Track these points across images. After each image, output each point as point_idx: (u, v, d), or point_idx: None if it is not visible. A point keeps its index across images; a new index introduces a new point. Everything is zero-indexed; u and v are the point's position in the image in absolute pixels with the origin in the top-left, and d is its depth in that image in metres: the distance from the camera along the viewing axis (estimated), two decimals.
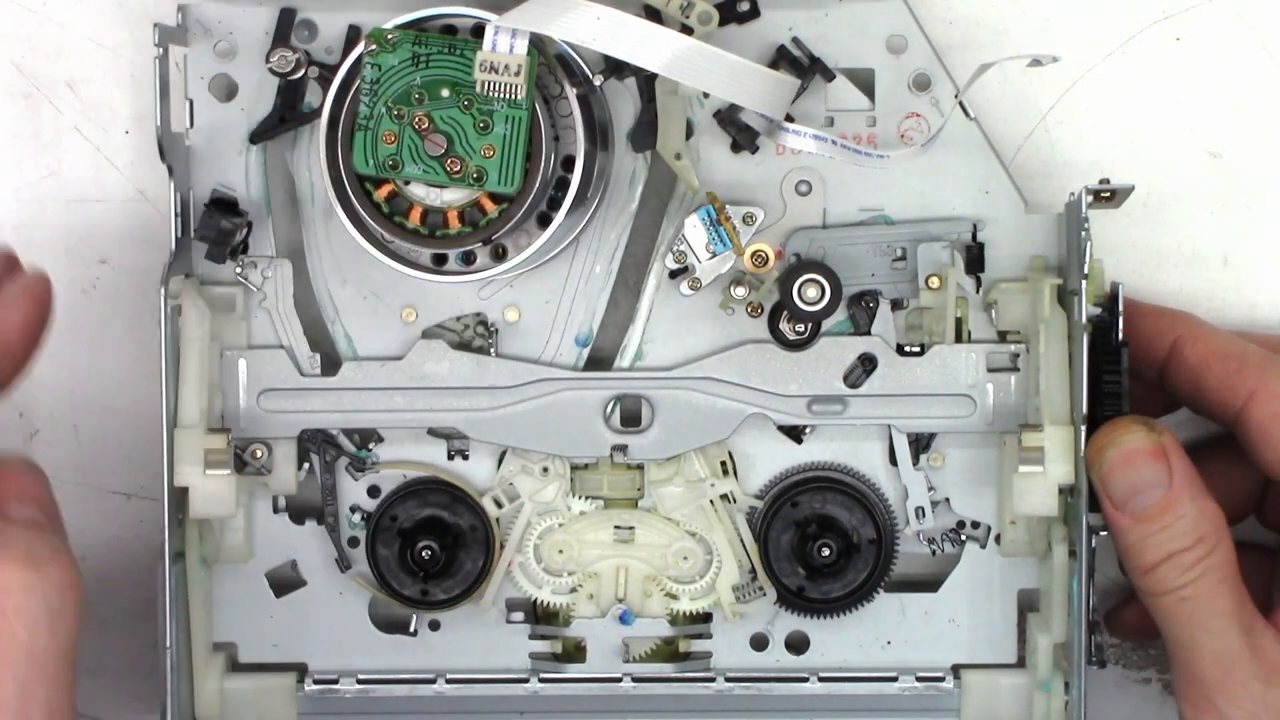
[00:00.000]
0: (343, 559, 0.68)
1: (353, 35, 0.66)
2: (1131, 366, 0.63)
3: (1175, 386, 0.65)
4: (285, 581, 0.69)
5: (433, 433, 0.68)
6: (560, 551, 0.68)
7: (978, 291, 0.67)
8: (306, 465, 0.68)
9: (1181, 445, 0.62)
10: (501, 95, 0.62)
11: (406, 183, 0.63)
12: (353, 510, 0.68)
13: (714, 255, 0.66)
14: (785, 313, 0.66)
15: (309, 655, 0.69)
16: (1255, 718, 0.60)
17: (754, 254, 0.66)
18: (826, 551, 0.67)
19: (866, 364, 0.67)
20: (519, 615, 0.69)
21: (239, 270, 0.66)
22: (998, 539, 0.68)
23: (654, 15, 0.64)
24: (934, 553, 0.69)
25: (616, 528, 0.68)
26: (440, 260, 0.65)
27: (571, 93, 0.64)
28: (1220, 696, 0.60)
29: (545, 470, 0.68)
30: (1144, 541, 0.61)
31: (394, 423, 0.67)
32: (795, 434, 0.68)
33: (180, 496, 0.64)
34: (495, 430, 0.67)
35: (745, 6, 0.66)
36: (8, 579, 0.54)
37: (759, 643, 0.69)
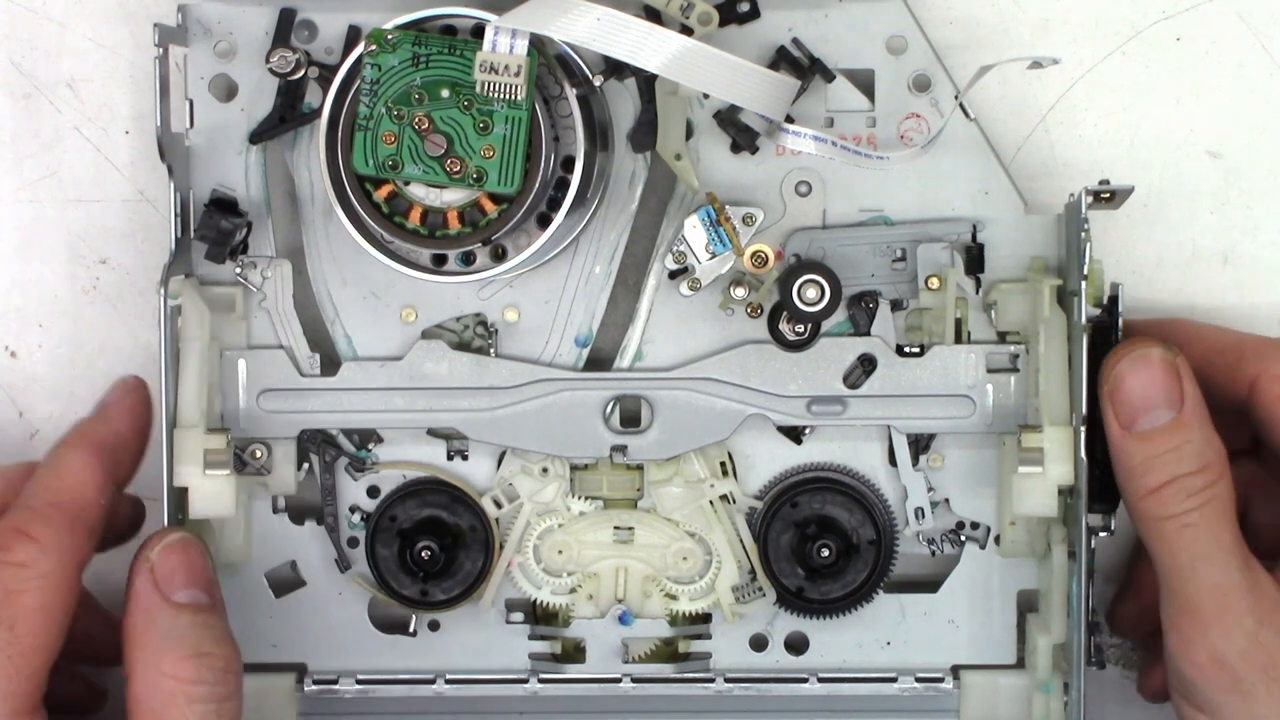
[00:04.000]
0: (342, 559, 0.68)
1: (353, 35, 0.66)
2: (1212, 406, 0.62)
3: (1260, 429, 0.64)
4: (285, 582, 0.69)
5: (432, 433, 0.68)
6: (560, 552, 0.68)
7: (977, 292, 0.67)
8: (306, 465, 0.68)
9: (1193, 374, 0.61)
10: (501, 96, 0.62)
11: (406, 183, 0.63)
12: (352, 510, 0.68)
13: (714, 256, 0.66)
14: (785, 313, 0.66)
15: (308, 655, 0.69)
16: (1245, 655, 0.59)
17: (754, 254, 0.66)
18: (826, 552, 0.67)
19: (866, 364, 0.67)
20: (518, 615, 0.69)
21: (239, 270, 0.66)
22: (997, 540, 0.68)
23: (654, 16, 0.64)
24: (934, 553, 0.69)
25: (616, 528, 0.68)
26: (440, 260, 0.65)
27: (571, 93, 0.64)
28: (1214, 629, 0.59)
29: (545, 470, 0.68)
30: (1150, 462, 0.60)
31: (394, 423, 0.67)
32: (795, 434, 0.68)
33: (180, 496, 0.64)
34: (495, 431, 0.67)
35: (745, 7, 0.66)
36: (181, 671, 0.59)
37: (758, 643, 0.69)
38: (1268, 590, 0.60)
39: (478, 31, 0.62)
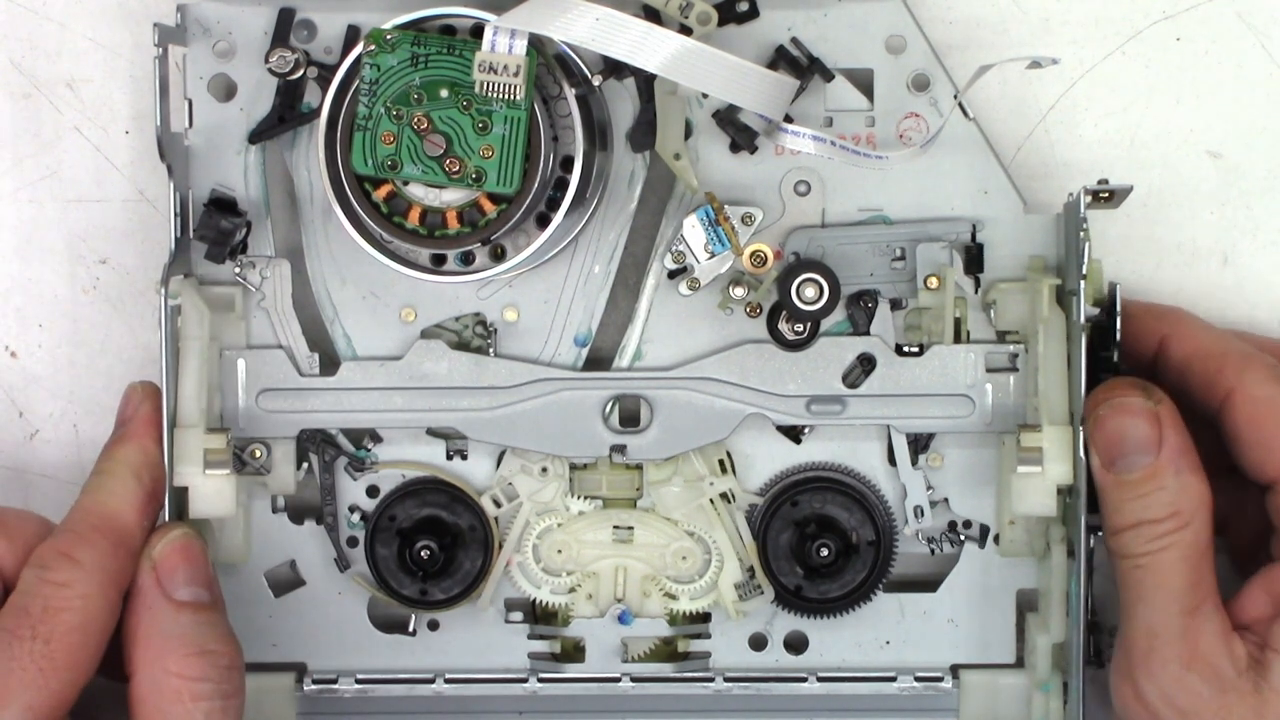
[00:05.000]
0: (341, 559, 0.68)
1: (352, 35, 0.66)
2: (1125, 363, 0.63)
3: (1164, 384, 0.65)
4: (284, 581, 0.69)
5: (432, 432, 0.68)
6: (559, 551, 0.68)
7: (976, 291, 0.67)
8: (305, 465, 0.68)
9: (1178, 418, 0.62)
10: (500, 95, 0.62)
11: (405, 183, 0.63)
12: (351, 510, 0.68)
13: (713, 255, 0.66)
14: (784, 313, 0.66)
15: (308, 655, 0.69)
16: (1168, 699, 0.60)
17: (753, 254, 0.66)
18: (825, 551, 0.67)
19: (865, 364, 0.67)
20: (518, 615, 0.69)
21: (238, 270, 0.67)
22: (996, 539, 0.68)
23: (653, 15, 0.64)
24: (933, 553, 0.69)
25: (615, 527, 0.68)
26: (439, 260, 0.65)
27: (570, 93, 0.64)
28: (1140, 670, 0.61)
29: (544, 470, 0.68)
30: (1120, 504, 0.61)
31: (393, 423, 0.67)
32: (794, 434, 0.68)
33: (180, 496, 0.64)
34: (494, 430, 0.67)
35: (744, 7, 0.66)
36: (186, 669, 0.59)
37: (758, 643, 0.69)
38: (1202, 640, 0.60)
39: (477, 31, 0.62)
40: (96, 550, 0.60)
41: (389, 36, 0.62)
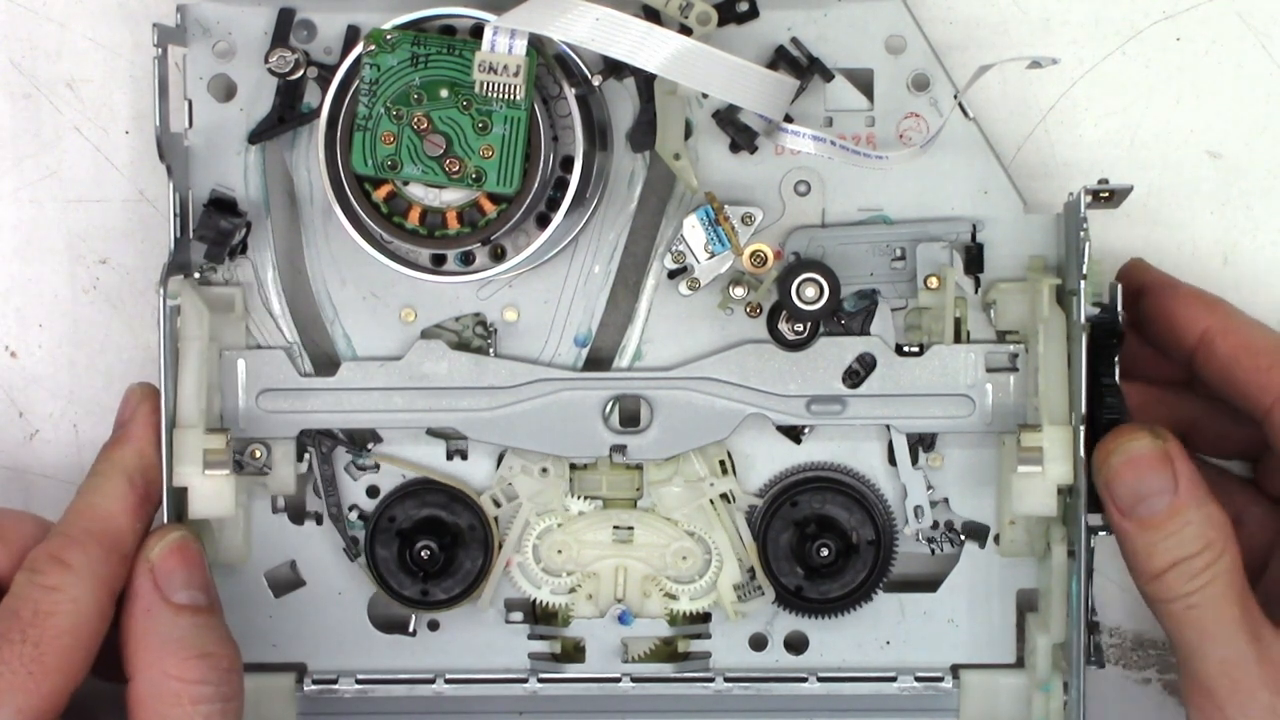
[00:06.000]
0: (350, 547, 0.68)
1: (351, 35, 0.66)
2: (1158, 348, 0.62)
3: (1204, 377, 0.64)
4: (284, 581, 0.69)
5: (432, 433, 0.68)
6: (559, 551, 0.68)
7: (976, 291, 0.67)
8: (307, 456, 0.68)
9: (1185, 451, 0.62)
10: (500, 95, 0.62)
11: (405, 183, 0.63)
12: (350, 510, 0.68)
13: (713, 255, 0.66)
14: (784, 313, 0.66)
15: (308, 655, 0.69)
16: None
17: (753, 254, 0.66)
18: (825, 551, 0.67)
19: (865, 364, 0.67)
20: (518, 615, 0.69)
21: (237, 270, 0.67)
22: (996, 539, 0.68)
23: (653, 15, 0.64)
24: (933, 553, 0.69)
25: (615, 528, 0.68)
26: (439, 260, 0.65)
27: (570, 93, 0.64)
28: (1229, 706, 0.60)
29: (544, 470, 0.68)
30: (1151, 548, 0.61)
31: (393, 423, 0.67)
32: (794, 434, 0.68)
33: (179, 496, 0.64)
34: (494, 430, 0.67)
35: (744, 7, 0.66)
36: (185, 672, 0.59)
37: (758, 643, 0.69)
38: (1279, 659, 0.60)
39: (476, 31, 0.62)
40: (88, 554, 0.60)
41: (389, 36, 0.62)
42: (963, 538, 0.68)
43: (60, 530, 0.61)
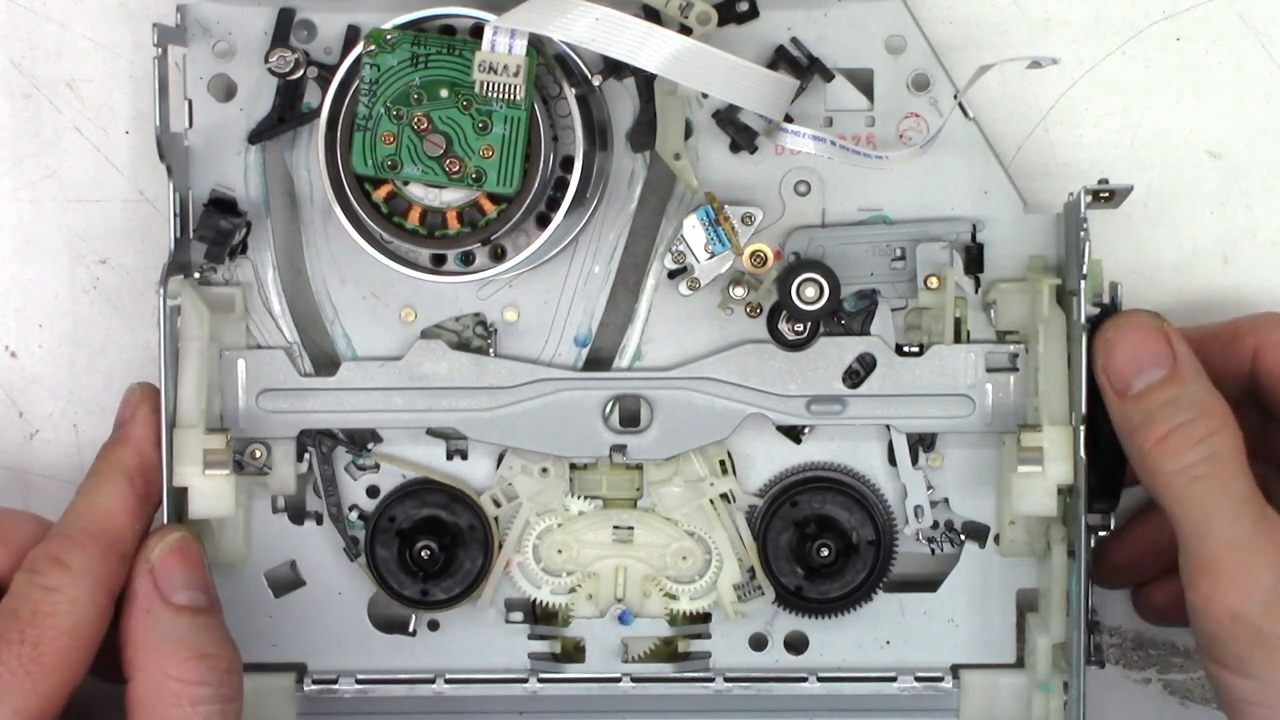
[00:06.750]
0: (350, 547, 0.68)
1: (351, 35, 0.66)
2: (1217, 387, 0.61)
3: (1264, 396, 0.64)
4: (284, 581, 0.69)
5: (432, 433, 0.68)
6: (559, 551, 0.68)
7: (976, 291, 0.67)
8: (307, 456, 0.68)
9: (1184, 336, 0.61)
10: (500, 95, 0.62)
11: (405, 183, 0.63)
12: (350, 510, 0.68)
13: (713, 255, 0.66)
14: (784, 313, 0.66)
15: (308, 655, 0.69)
16: (1266, 608, 0.58)
17: (753, 254, 0.66)
18: (825, 551, 0.67)
19: (865, 364, 0.67)
20: (518, 615, 0.69)
21: (237, 270, 0.67)
22: (996, 539, 0.68)
23: (653, 15, 0.64)
24: (933, 552, 0.69)
25: (615, 528, 0.68)
26: (439, 260, 0.65)
27: (570, 93, 0.64)
28: (1233, 585, 0.58)
29: (544, 470, 0.68)
30: (1149, 416, 0.60)
31: (393, 423, 0.67)
32: (794, 434, 0.68)
33: (179, 497, 0.64)
34: (494, 430, 0.67)
35: (744, 7, 0.66)
36: (185, 673, 0.59)
37: (758, 643, 0.69)
38: None
39: (476, 31, 0.62)
40: (86, 554, 0.60)
41: (389, 36, 0.62)
42: (963, 538, 0.68)
43: (60, 530, 0.61)
